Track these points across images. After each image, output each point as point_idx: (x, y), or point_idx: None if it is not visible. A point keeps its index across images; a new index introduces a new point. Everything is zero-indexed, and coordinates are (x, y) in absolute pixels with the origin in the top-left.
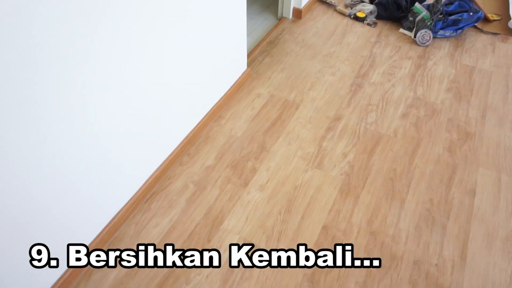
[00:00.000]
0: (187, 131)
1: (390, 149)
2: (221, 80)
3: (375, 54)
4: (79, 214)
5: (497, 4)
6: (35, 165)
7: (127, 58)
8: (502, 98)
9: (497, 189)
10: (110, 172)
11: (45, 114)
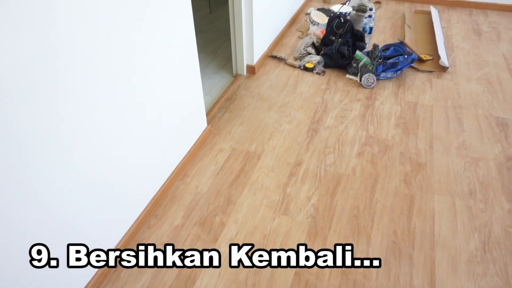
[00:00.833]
0: (152, 193)
1: (351, 188)
2: (183, 140)
3: (327, 100)
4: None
5: (428, 46)
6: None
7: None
8: (444, 128)
9: (453, 213)
10: (76, 241)
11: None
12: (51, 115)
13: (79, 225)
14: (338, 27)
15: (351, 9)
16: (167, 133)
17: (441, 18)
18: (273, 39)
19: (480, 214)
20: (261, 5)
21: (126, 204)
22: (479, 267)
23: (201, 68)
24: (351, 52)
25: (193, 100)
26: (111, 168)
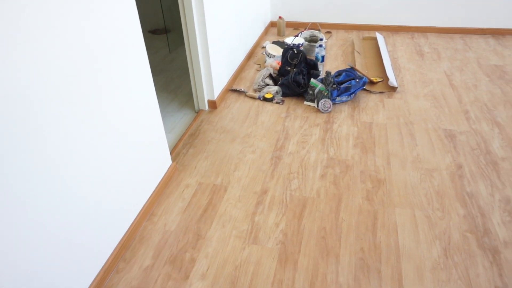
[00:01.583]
0: (119, 236)
1: (316, 210)
2: (147, 180)
3: (287, 127)
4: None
5: (377, 69)
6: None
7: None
8: (399, 144)
9: (414, 224)
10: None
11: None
12: (4, 167)
13: (43, 276)
14: (292, 57)
15: (304, 40)
16: (130, 174)
17: (387, 43)
18: (232, 73)
19: (439, 222)
20: (217, 43)
21: (91, 250)
22: (443, 273)
23: (164, 106)
24: (307, 80)
25: (155, 140)
26: (72, 214)
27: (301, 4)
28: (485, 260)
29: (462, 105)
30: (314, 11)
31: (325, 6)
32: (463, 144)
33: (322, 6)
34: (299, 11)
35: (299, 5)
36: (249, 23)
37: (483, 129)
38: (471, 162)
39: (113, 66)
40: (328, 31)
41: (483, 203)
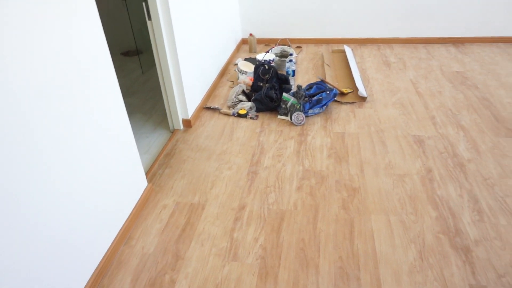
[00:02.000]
0: (95, 263)
1: (294, 222)
2: (123, 204)
3: (263, 142)
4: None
5: (347, 80)
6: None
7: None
8: (371, 152)
9: (390, 229)
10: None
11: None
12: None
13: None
14: (264, 73)
15: (275, 56)
16: (104, 200)
17: (355, 55)
18: (206, 91)
19: (413, 226)
20: (188, 63)
21: (65, 277)
22: (419, 276)
23: (138, 128)
24: (279, 94)
25: (129, 163)
26: (45, 243)
27: (271, 21)
28: (458, 260)
29: (429, 111)
30: (284, 27)
31: (294, 22)
32: (432, 149)
33: (291, 22)
34: (269, 28)
35: (268, 22)
36: (221, 41)
37: (449, 133)
38: (440, 165)
39: (80, 90)
40: (299, 46)
41: (453, 204)
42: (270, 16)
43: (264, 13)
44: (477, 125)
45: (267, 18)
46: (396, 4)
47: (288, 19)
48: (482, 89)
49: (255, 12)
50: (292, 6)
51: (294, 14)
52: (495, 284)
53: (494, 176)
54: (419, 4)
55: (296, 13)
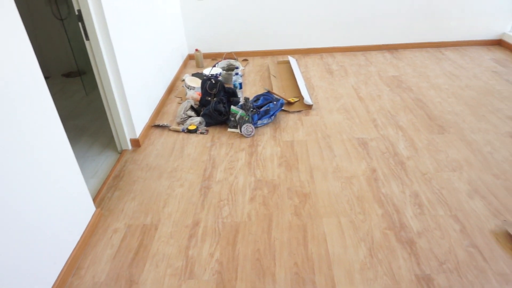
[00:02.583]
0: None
1: (249, 233)
2: (69, 233)
3: (214, 156)
4: None
5: (293, 90)
6: None
7: None
8: (319, 158)
9: (341, 230)
10: None
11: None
12: None
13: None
14: (211, 87)
15: (221, 70)
16: (48, 229)
17: (299, 65)
18: (153, 109)
19: (361, 225)
20: (133, 82)
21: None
22: (370, 272)
23: (84, 151)
24: (227, 108)
25: (73, 189)
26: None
27: (216, 36)
28: (404, 252)
29: (370, 114)
30: (229, 41)
31: (239, 36)
32: (375, 150)
33: (236, 36)
34: (215, 42)
35: (214, 37)
36: (166, 58)
37: (389, 134)
38: (383, 165)
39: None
40: (245, 59)
41: (396, 201)
42: (215, 31)
43: (208, 28)
44: (413, 124)
45: (212, 33)
46: (336, 15)
47: (233, 33)
48: (415, 91)
49: (200, 27)
50: (236, 20)
51: (239, 28)
52: (437, 271)
53: (431, 171)
54: (356, 15)
55: (240, 27)
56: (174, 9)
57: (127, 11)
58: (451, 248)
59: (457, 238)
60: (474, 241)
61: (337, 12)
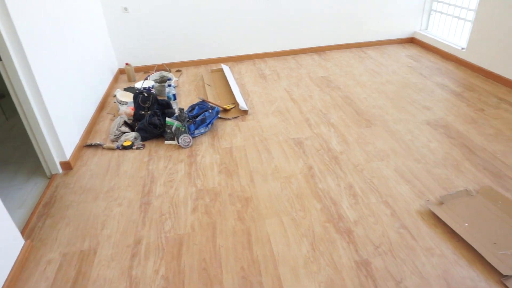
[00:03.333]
0: None
1: (193, 244)
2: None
3: (152, 170)
4: None
5: (228, 97)
6: None
7: None
8: (258, 161)
9: (283, 229)
10: None
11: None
12: None
13: None
14: (144, 101)
15: (154, 82)
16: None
17: (233, 72)
18: (84, 128)
19: (303, 221)
20: (57, 102)
21: None
22: (313, 265)
23: (8, 180)
24: (162, 120)
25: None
26: None
27: (146, 48)
28: (343, 242)
29: (303, 114)
30: (161, 53)
31: (171, 47)
32: (310, 148)
33: (167, 47)
34: (146, 55)
35: (144, 50)
36: (94, 74)
37: (322, 132)
38: (319, 161)
39: None
40: (178, 70)
41: (333, 194)
42: (145, 43)
43: (138, 40)
44: (343, 120)
45: (142, 45)
46: (265, 22)
47: (164, 44)
48: (343, 89)
49: (128, 40)
50: (166, 31)
51: (170, 39)
52: (373, 255)
53: (362, 162)
54: (284, 21)
55: (171, 37)
56: (98, 22)
57: (44, 27)
58: (384, 231)
59: (388, 222)
60: (403, 223)
61: (266, 19)
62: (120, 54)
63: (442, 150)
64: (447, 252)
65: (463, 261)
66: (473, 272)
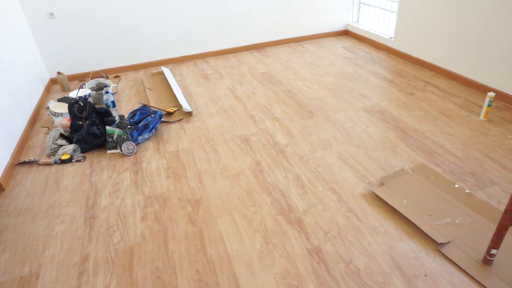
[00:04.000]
0: None
1: (145, 253)
2: None
3: (95, 182)
4: None
5: (171, 99)
6: None
7: None
8: (206, 161)
9: (236, 227)
10: None
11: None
12: None
13: None
14: (80, 111)
15: (90, 90)
16: None
17: (174, 74)
18: (15, 145)
19: (254, 216)
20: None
21: None
22: (268, 258)
23: None
24: (102, 129)
25: None
26: None
27: (80, 55)
28: (294, 232)
29: (248, 111)
30: (97, 59)
31: (107, 52)
32: (256, 144)
33: (103, 52)
34: (80, 62)
35: (77, 57)
36: (22, 86)
37: (267, 127)
38: (266, 156)
39: None
40: (117, 75)
41: (282, 187)
42: (78, 50)
43: (68, 48)
44: (287, 114)
45: (73, 52)
46: (204, 21)
47: (99, 49)
48: (285, 84)
49: (58, 48)
50: (100, 36)
51: (105, 44)
52: (324, 241)
53: (307, 153)
54: (222, 20)
55: (106, 43)
56: (21, 31)
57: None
58: (332, 217)
59: (336, 207)
60: (349, 206)
61: (205, 18)
62: (50, 63)
63: (379, 134)
64: (390, 229)
65: (405, 236)
66: (413, 244)
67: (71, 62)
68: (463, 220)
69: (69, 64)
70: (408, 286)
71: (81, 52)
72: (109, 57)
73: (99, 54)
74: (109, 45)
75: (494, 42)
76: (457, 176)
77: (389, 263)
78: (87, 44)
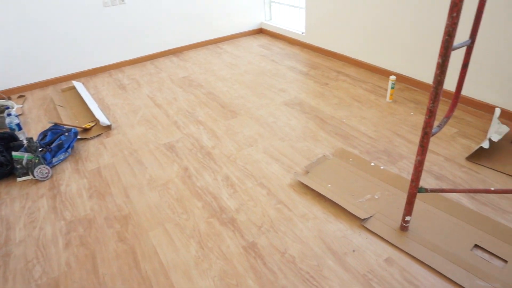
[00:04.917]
0: None
1: (73, 282)
2: None
3: (6, 215)
4: None
5: (87, 115)
6: None
7: None
8: (131, 175)
9: (169, 237)
10: None
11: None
12: None
13: None
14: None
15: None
16: None
17: (88, 87)
18: None
19: (187, 223)
20: None
21: None
22: (204, 263)
23: None
24: (8, 156)
25: None
26: None
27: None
28: (229, 232)
29: (170, 118)
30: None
31: (4, 71)
32: (182, 150)
33: (0, 71)
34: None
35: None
36: None
37: (192, 131)
38: (193, 161)
39: None
40: (21, 95)
41: (212, 189)
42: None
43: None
44: (210, 116)
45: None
46: (115, 29)
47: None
48: (205, 86)
49: None
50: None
51: (1, 62)
52: (258, 236)
53: (234, 152)
54: (135, 26)
55: (3, 60)
56: None
57: None
58: (263, 211)
59: (266, 201)
60: (279, 198)
61: (116, 26)
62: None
63: (300, 125)
64: (318, 213)
65: (332, 217)
66: (340, 224)
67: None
68: (381, 195)
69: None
70: (339, 264)
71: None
72: (9, 76)
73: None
74: (7, 62)
75: (392, 31)
76: (372, 155)
77: (320, 246)
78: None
